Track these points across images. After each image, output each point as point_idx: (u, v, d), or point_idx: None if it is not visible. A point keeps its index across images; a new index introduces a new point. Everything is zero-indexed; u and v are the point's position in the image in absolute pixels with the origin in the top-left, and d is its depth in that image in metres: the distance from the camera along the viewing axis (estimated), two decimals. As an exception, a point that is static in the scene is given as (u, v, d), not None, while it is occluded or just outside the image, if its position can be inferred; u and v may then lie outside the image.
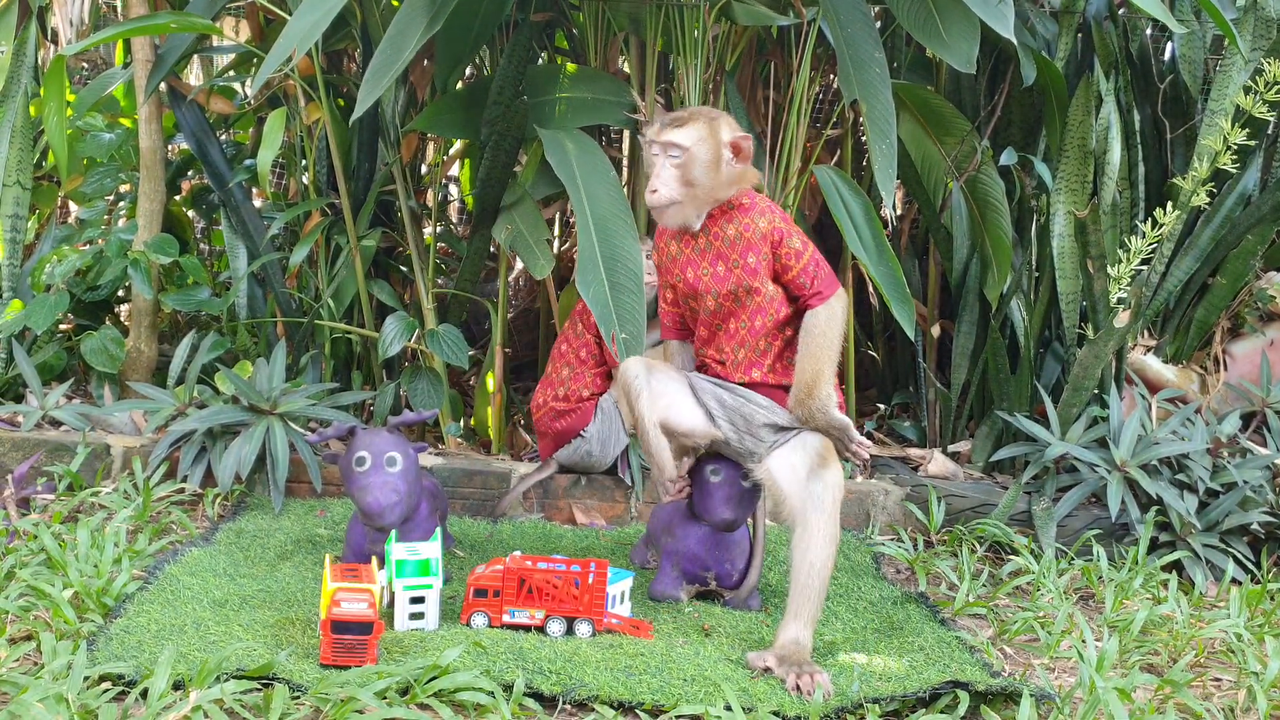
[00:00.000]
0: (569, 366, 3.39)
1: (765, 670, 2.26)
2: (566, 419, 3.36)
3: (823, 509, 2.38)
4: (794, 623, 2.34)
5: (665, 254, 2.60)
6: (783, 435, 2.54)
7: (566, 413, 3.36)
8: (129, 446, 3.33)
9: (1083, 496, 3.35)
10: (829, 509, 2.38)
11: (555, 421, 3.37)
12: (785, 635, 2.33)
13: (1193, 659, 2.52)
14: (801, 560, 2.36)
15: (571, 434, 3.34)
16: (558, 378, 3.40)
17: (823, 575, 2.35)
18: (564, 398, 3.36)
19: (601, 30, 3.82)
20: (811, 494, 2.40)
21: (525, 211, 3.47)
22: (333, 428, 2.69)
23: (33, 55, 3.85)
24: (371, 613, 2.14)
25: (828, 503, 2.38)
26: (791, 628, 2.33)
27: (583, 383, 3.35)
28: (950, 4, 2.99)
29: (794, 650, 2.28)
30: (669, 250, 2.59)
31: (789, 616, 2.35)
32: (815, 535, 2.36)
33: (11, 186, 3.76)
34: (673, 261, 2.58)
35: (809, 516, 2.38)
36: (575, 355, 3.38)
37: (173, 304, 3.80)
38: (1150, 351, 3.92)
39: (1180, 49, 3.86)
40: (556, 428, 3.36)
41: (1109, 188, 3.64)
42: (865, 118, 3.07)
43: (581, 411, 3.34)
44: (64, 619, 2.26)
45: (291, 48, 2.90)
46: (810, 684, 2.17)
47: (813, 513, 2.38)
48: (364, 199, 3.80)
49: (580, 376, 3.36)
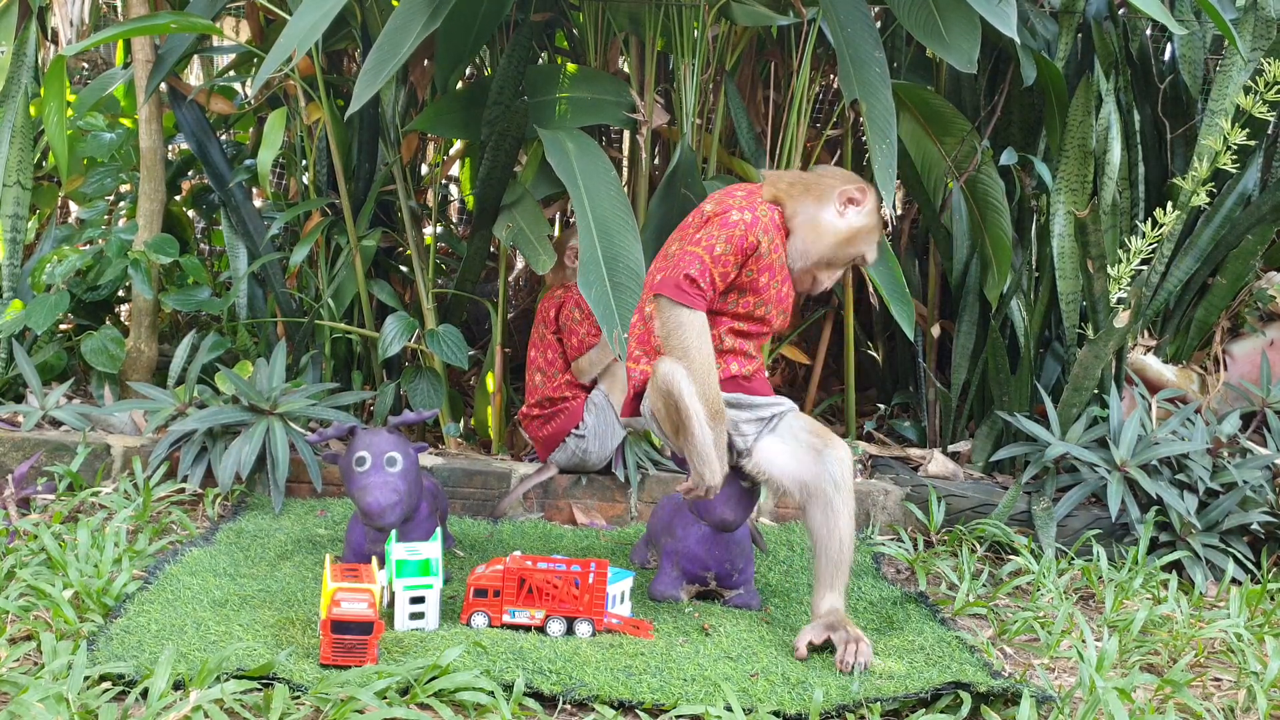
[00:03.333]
0: (540, 372, 3.42)
1: (824, 642, 2.37)
2: (553, 423, 3.37)
3: (842, 485, 2.48)
4: (830, 593, 2.46)
5: (778, 256, 2.55)
6: (764, 425, 2.57)
7: (550, 417, 3.37)
8: (129, 446, 3.34)
9: (1083, 496, 3.35)
10: (848, 483, 2.49)
11: (542, 429, 3.39)
12: (825, 605, 2.45)
13: (1193, 659, 2.52)
14: (831, 536, 2.47)
15: (561, 436, 3.36)
16: (532, 385, 3.44)
17: (851, 546, 2.49)
18: (541, 404, 3.38)
19: (601, 30, 3.82)
20: (827, 472, 2.48)
21: (526, 209, 3.47)
22: (333, 428, 2.69)
23: (33, 55, 3.85)
24: (371, 613, 2.14)
25: (847, 478, 2.49)
26: (829, 598, 2.46)
27: (555, 386, 3.37)
28: (951, 4, 2.99)
29: (838, 617, 2.43)
30: (781, 255, 2.56)
31: (824, 588, 2.47)
32: (842, 511, 2.47)
33: (12, 186, 3.76)
34: (781, 269, 2.56)
35: (830, 495, 2.47)
36: (544, 359, 3.42)
37: (173, 304, 3.81)
38: (1150, 351, 3.92)
39: (1180, 49, 3.86)
40: (545, 433, 3.38)
41: (1109, 188, 3.64)
42: (865, 118, 3.07)
43: (568, 412, 3.35)
44: (64, 619, 2.26)
45: (291, 48, 2.90)
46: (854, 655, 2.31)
47: (833, 490, 2.47)
48: (364, 199, 3.80)
49: (551, 380, 3.38)
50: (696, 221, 2.53)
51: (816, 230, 2.52)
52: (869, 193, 2.55)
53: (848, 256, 2.56)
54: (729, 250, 2.43)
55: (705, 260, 2.42)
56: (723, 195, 2.56)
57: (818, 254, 2.53)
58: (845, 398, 3.95)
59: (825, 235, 2.52)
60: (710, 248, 2.42)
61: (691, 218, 2.56)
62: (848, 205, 2.52)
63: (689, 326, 2.40)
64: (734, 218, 2.45)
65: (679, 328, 2.40)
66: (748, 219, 2.45)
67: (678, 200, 3.38)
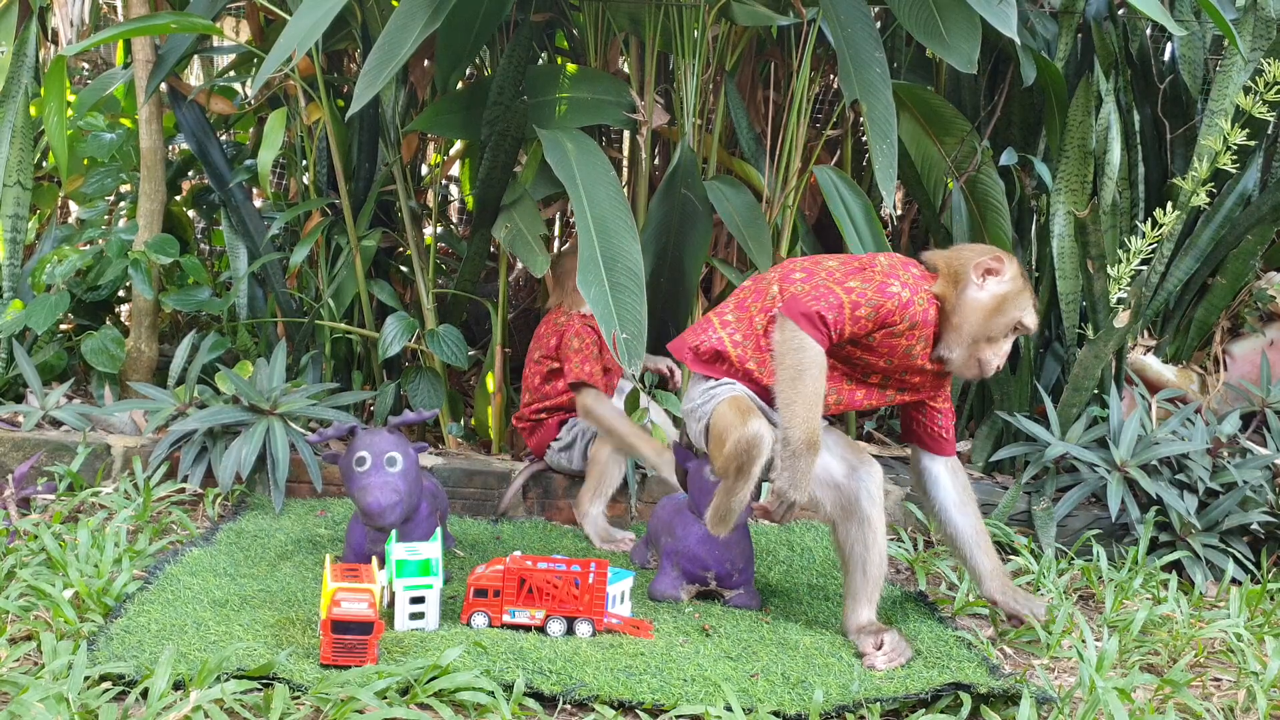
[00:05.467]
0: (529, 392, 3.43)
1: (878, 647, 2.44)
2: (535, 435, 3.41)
3: (877, 501, 2.53)
4: (868, 607, 2.53)
5: (909, 345, 2.51)
6: None
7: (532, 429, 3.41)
8: (129, 446, 3.34)
9: (1083, 496, 3.35)
10: (881, 499, 2.54)
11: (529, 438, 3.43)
12: (864, 618, 2.52)
13: (1192, 659, 2.52)
14: (870, 551, 2.52)
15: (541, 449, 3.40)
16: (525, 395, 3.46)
17: (885, 560, 2.56)
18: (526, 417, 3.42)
19: (601, 30, 3.82)
20: (864, 488, 2.53)
21: (524, 210, 3.47)
22: (333, 428, 2.69)
23: (33, 55, 3.85)
24: (372, 613, 2.14)
25: (880, 493, 2.54)
26: (865, 612, 2.53)
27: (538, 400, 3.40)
28: (951, 4, 2.99)
29: (876, 627, 2.50)
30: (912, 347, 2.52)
31: (861, 603, 2.53)
32: (878, 527, 2.53)
33: (12, 186, 3.76)
34: (904, 358, 2.53)
35: (868, 510, 2.52)
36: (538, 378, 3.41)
37: (173, 304, 3.81)
38: (1150, 351, 3.92)
39: (1180, 49, 3.86)
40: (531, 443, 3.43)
41: (1109, 188, 3.64)
42: (865, 118, 3.06)
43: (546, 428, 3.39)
44: (64, 619, 2.26)
45: (292, 48, 2.90)
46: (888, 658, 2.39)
47: (870, 506, 2.52)
48: (364, 199, 3.80)
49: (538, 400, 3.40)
50: (853, 265, 2.50)
51: (964, 310, 2.47)
52: (1007, 260, 2.51)
53: (1002, 327, 2.49)
54: (870, 316, 2.41)
55: (845, 312, 2.39)
56: (902, 263, 2.52)
57: (970, 332, 2.48)
58: (845, 398, 3.95)
59: (973, 313, 2.47)
60: (856, 304, 2.40)
61: (849, 258, 2.55)
62: (985, 277, 2.48)
63: (808, 354, 2.36)
64: (893, 289, 2.42)
65: (799, 351, 2.37)
66: (905, 298, 2.42)
67: (678, 201, 3.38)
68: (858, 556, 2.52)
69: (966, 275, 2.48)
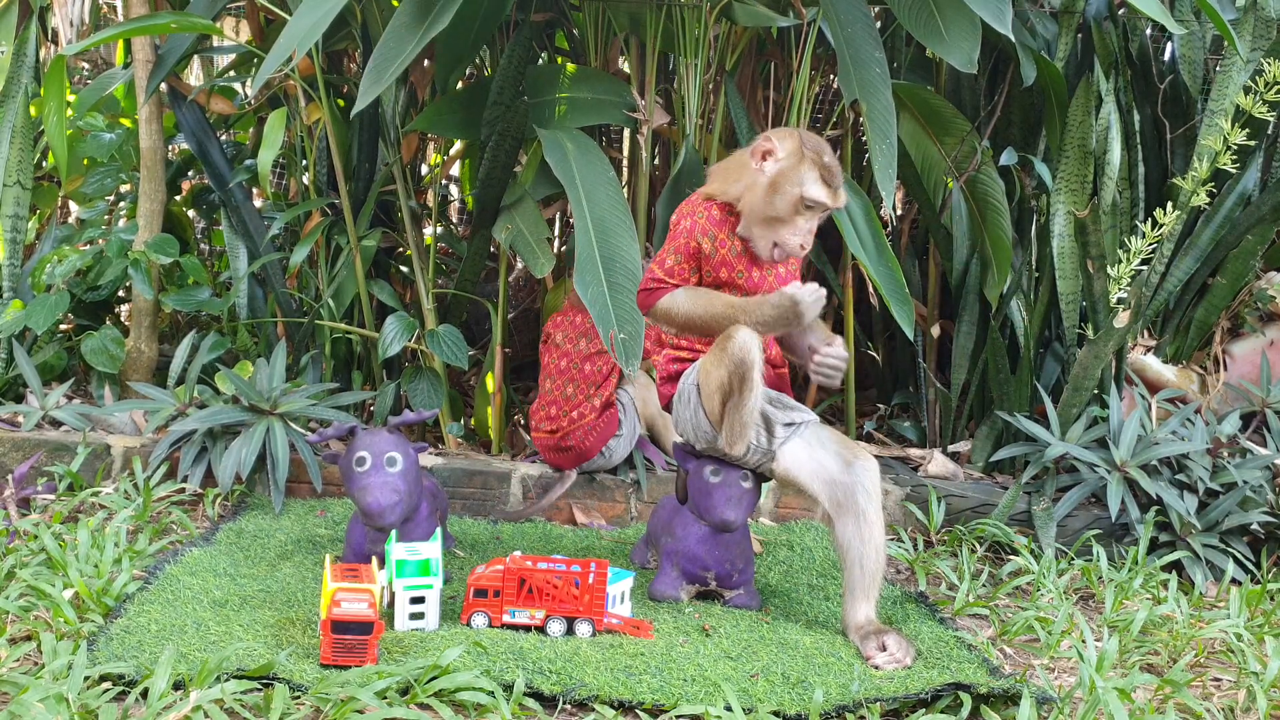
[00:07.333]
0: (550, 379, 3.37)
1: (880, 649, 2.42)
2: (568, 454, 3.34)
3: (873, 496, 2.52)
4: (866, 603, 2.52)
5: (728, 249, 2.61)
6: (793, 429, 2.59)
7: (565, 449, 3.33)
8: (129, 446, 3.34)
9: (1083, 496, 3.35)
10: (878, 494, 2.53)
11: (558, 458, 3.35)
12: (862, 615, 2.51)
13: (1193, 659, 2.52)
14: (867, 546, 2.51)
15: (599, 448, 3.34)
16: (561, 396, 3.36)
17: (884, 556, 2.55)
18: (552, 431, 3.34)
19: (601, 30, 3.82)
20: (859, 483, 2.52)
21: (525, 211, 3.47)
22: (333, 428, 2.69)
23: (33, 55, 3.85)
24: (372, 613, 2.14)
25: (877, 489, 2.53)
26: (864, 608, 2.51)
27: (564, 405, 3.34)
28: (951, 4, 2.99)
29: (876, 625, 2.50)
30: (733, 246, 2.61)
31: (860, 599, 2.51)
32: (875, 522, 2.51)
33: (12, 186, 3.76)
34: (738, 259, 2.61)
35: (864, 505, 2.51)
36: (555, 366, 3.37)
37: (173, 304, 3.81)
38: (1150, 351, 3.92)
39: (1180, 49, 3.86)
40: (584, 446, 3.33)
41: (1109, 188, 3.64)
42: (865, 118, 3.06)
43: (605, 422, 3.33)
44: (64, 619, 2.26)
45: (292, 48, 2.90)
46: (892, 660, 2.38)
47: (866, 501, 2.52)
48: (364, 199, 3.80)
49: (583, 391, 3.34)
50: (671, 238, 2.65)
51: (748, 195, 2.57)
52: (779, 139, 2.57)
53: (787, 205, 2.53)
54: (680, 260, 2.58)
55: (658, 274, 2.58)
56: (680, 205, 2.66)
57: (757, 213, 2.55)
58: (845, 398, 3.95)
59: (754, 194, 2.55)
60: (662, 261, 2.60)
61: None
62: (764, 160, 2.56)
63: (675, 300, 2.54)
64: (682, 227, 2.60)
65: (671, 308, 2.54)
66: (687, 225, 2.59)
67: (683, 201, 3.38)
68: (855, 552, 2.52)
69: (746, 163, 2.58)
